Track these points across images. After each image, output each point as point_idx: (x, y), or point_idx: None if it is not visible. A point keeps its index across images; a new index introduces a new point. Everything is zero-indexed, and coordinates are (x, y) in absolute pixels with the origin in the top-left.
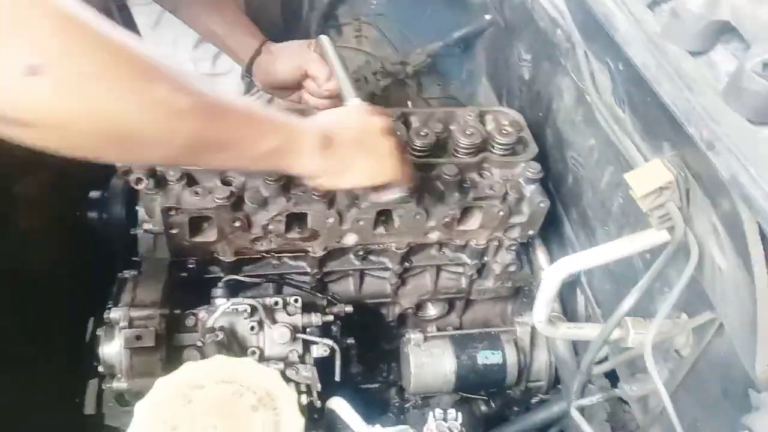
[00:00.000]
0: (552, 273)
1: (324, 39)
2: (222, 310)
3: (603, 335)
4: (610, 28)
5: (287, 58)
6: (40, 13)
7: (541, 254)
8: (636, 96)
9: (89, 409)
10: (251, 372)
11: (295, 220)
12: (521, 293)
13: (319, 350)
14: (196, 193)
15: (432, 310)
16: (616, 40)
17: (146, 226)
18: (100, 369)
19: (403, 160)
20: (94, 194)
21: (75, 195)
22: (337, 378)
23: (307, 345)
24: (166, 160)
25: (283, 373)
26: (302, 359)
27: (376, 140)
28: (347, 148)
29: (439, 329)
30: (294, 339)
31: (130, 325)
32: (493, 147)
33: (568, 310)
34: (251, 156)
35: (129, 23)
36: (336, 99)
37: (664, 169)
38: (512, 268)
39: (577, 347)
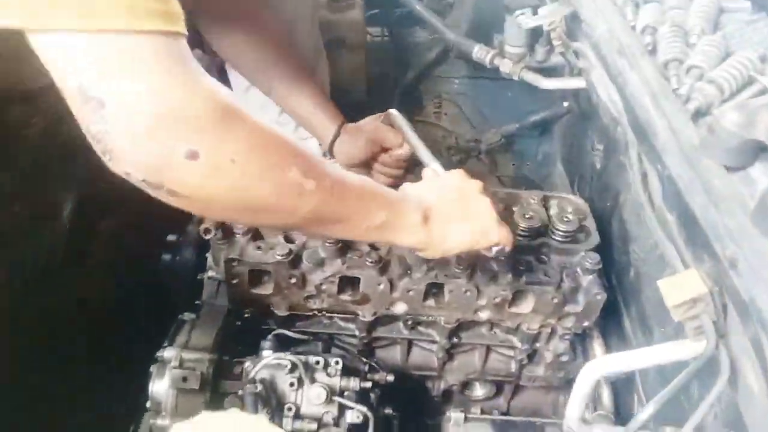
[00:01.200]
0: (586, 372)
1: (394, 111)
2: (264, 363)
3: None
4: (652, 135)
5: (364, 135)
6: (204, 104)
7: (597, 347)
8: (677, 202)
9: None
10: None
11: (349, 283)
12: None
13: (353, 416)
14: (259, 247)
15: (479, 391)
16: (656, 147)
17: (211, 273)
18: (148, 405)
19: (499, 220)
20: (171, 237)
21: (153, 237)
22: None
23: (342, 409)
24: (289, 228)
25: None
26: (336, 422)
27: (472, 204)
28: (445, 217)
29: (484, 411)
30: (330, 401)
31: (180, 366)
32: (553, 233)
33: (621, 411)
34: (362, 228)
35: (224, 83)
36: (408, 168)
37: (699, 280)
38: (565, 358)
39: None
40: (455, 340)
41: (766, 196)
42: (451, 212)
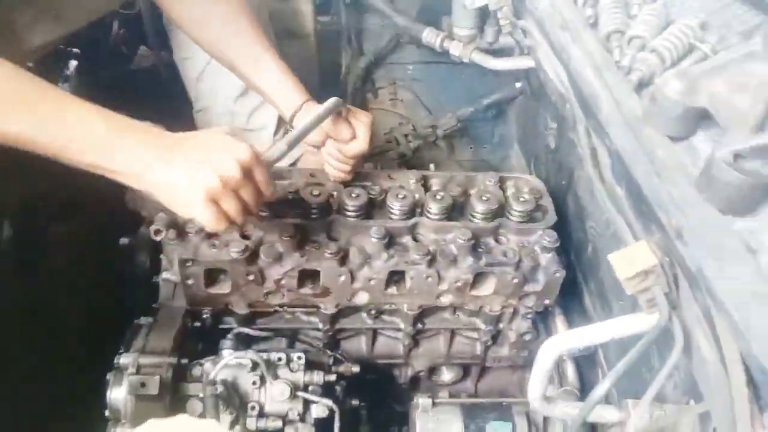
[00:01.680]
0: (545, 350)
1: (330, 101)
2: (224, 363)
3: (579, 417)
4: (596, 109)
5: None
6: None
7: (559, 324)
8: (625, 175)
9: None
10: None
11: (309, 276)
12: None
13: (318, 410)
14: (213, 245)
15: (446, 375)
16: (600, 121)
17: (165, 275)
18: (107, 413)
19: (213, 210)
20: (123, 241)
21: (104, 241)
22: None
23: (307, 404)
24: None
25: (282, 431)
26: (302, 418)
27: (203, 174)
28: (153, 144)
29: (452, 395)
30: (294, 397)
31: (138, 372)
32: (510, 213)
33: (586, 385)
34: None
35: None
36: (357, 164)
37: (649, 252)
38: (528, 337)
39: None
40: (419, 326)
41: (710, 164)
42: (169, 148)
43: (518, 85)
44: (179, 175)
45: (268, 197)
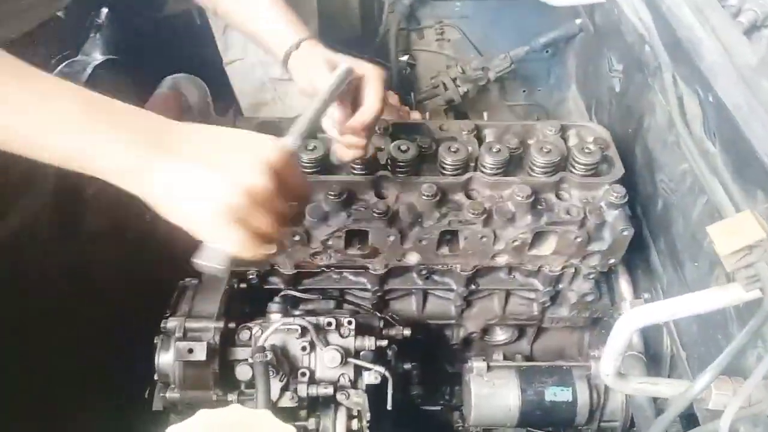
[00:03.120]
0: (623, 324)
1: (340, 69)
2: (273, 329)
3: (681, 403)
4: (695, 56)
5: (305, 66)
6: None
7: (624, 284)
8: (728, 133)
9: (157, 405)
10: (267, 427)
11: (357, 236)
12: (600, 324)
13: (370, 377)
14: None
15: (500, 335)
16: (702, 70)
17: None
18: (156, 377)
19: (240, 233)
20: None
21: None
22: (389, 406)
23: (358, 370)
24: None
25: (333, 397)
26: (353, 384)
27: (223, 190)
28: (176, 176)
29: (506, 356)
30: (345, 363)
31: (185, 337)
32: (573, 166)
33: (650, 348)
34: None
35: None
36: (371, 133)
37: (756, 224)
38: (589, 298)
39: None
40: (473, 287)
41: None
42: (195, 177)
43: (578, 21)
44: (191, 188)
45: (306, 198)
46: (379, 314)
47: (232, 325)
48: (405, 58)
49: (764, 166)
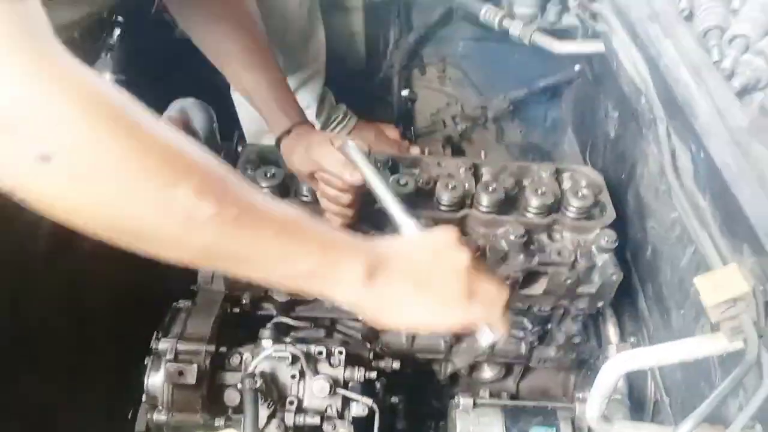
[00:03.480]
0: (611, 367)
1: (350, 144)
2: (264, 356)
3: None
4: (690, 114)
5: (303, 150)
6: (60, 92)
7: (611, 328)
8: (717, 189)
9: (140, 426)
10: None
11: None
12: (586, 366)
13: (357, 408)
14: None
15: (487, 373)
16: (695, 128)
17: None
18: (144, 398)
19: (476, 306)
20: None
21: None
22: None
23: (346, 401)
24: (181, 261)
25: (319, 427)
26: (341, 415)
27: (444, 279)
28: (398, 282)
29: (492, 394)
30: (333, 393)
31: (176, 359)
32: (566, 209)
33: (634, 392)
34: (278, 275)
35: None
36: (352, 209)
37: (741, 278)
38: (577, 340)
39: None
40: None
41: None
42: (412, 278)
43: (577, 67)
44: (418, 289)
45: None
46: (369, 345)
47: (223, 349)
48: (406, 92)
49: (750, 224)
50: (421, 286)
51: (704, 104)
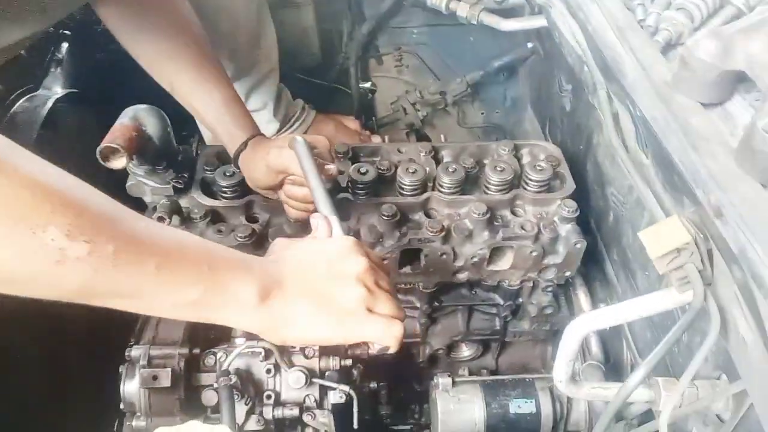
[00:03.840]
0: (570, 331)
1: (298, 141)
2: (237, 353)
3: (618, 400)
4: (619, 74)
5: (264, 158)
6: None
7: (582, 296)
8: (653, 144)
9: None
10: None
11: None
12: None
13: (335, 396)
14: (219, 231)
15: (465, 351)
16: (625, 87)
17: None
18: (122, 406)
19: (372, 318)
20: None
21: None
22: (355, 425)
23: (324, 390)
24: (58, 299)
25: (299, 419)
26: (319, 404)
27: (340, 290)
28: (295, 301)
29: (472, 371)
30: (310, 384)
31: (149, 364)
32: (526, 183)
33: (611, 357)
34: (164, 308)
35: None
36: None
37: (682, 228)
38: (549, 310)
39: None
40: (436, 304)
41: (750, 133)
42: (307, 294)
43: (530, 45)
44: (319, 311)
45: (387, 269)
46: None
47: (196, 351)
48: (367, 84)
49: (683, 175)
50: (318, 302)
51: (630, 62)
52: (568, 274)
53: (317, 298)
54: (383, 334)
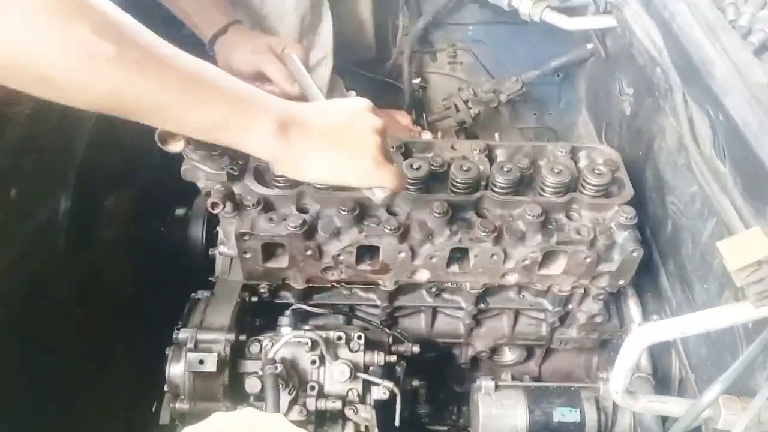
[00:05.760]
0: (633, 341)
1: (293, 56)
2: (284, 342)
3: (689, 417)
4: (707, 75)
5: (247, 51)
6: None
7: (633, 306)
8: (738, 151)
9: (164, 419)
10: (281, 430)
11: (368, 252)
12: (608, 346)
13: (378, 392)
14: (271, 219)
15: (508, 356)
16: (713, 89)
17: (222, 248)
18: (165, 388)
19: (385, 164)
20: (179, 212)
21: (160, 212)
22: (397, 423)
23: (367, 385)
24: (90, 107)
25: (341, 412)
26: (362, 399)
27: (355, 138)
28: (312, 138)
29: (514, 377)
30: (354, 378)
31: (196, 348)
32: (583, 187)
33: (659, 370)
34: (189, 122)
35: None
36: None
37: (765, 239)
38: (599, 319)
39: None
40: (482, 305)
41: None
42: (326, 134)
43: (589, 46)
44: (334, 145)
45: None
46: (388, 330)
47: (242, 337)
48: (418, 80)
49: None
50: (334, 143)
51: (721, 63)
52: (621, 282)
53: (337, 139)
54: (393, 177)
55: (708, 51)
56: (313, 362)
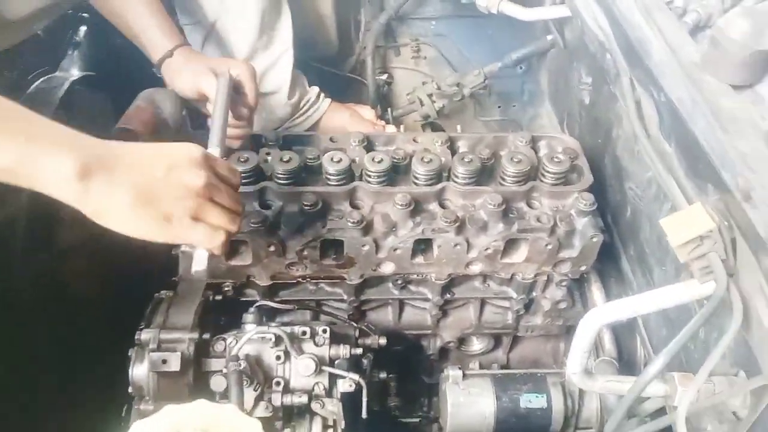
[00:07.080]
0: (586, 322)
1: (221, 78)
2: (247, 338)
3: (636, 389)
4: (645, 56)
5: (189, 73)
6: None
7: (596, 291)
8: (678, 130)
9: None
10: (233, 421)
11: (332, 246)
12: (574, 332)
13: (344, 385)
14: None
15: (476, 345)
16: (652, 70)
17: (184, 247)
18: (130, 390)
19: (194, 226)
20: None
21: None
22: (363, 414)
23: (333, 378)
24: None
25: (308, 406)
26: (329, 393)
27: (165, 193)
28: (118, 189)
29: (482, 365)
30: (319, 372)
31: (159, 348)
32: (543, 175)
33: (624, 354)
34: None
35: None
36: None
37: (706, 215)
38: (563, 305)
39: None
40: (448, 296)
41: None
42: (134, 186)
43: (549, 37)
44: (142, 199)
45: (237, 186)
46: (354, 324)
47: (206, 336)
48: (384, 76)
49: (709, 159)
50: (143, 198)
51: (657, 43)
52: (583, 268)
53: (143, 194)
54: (204, 239)
55: (646, 32)
56: (278, 358)
